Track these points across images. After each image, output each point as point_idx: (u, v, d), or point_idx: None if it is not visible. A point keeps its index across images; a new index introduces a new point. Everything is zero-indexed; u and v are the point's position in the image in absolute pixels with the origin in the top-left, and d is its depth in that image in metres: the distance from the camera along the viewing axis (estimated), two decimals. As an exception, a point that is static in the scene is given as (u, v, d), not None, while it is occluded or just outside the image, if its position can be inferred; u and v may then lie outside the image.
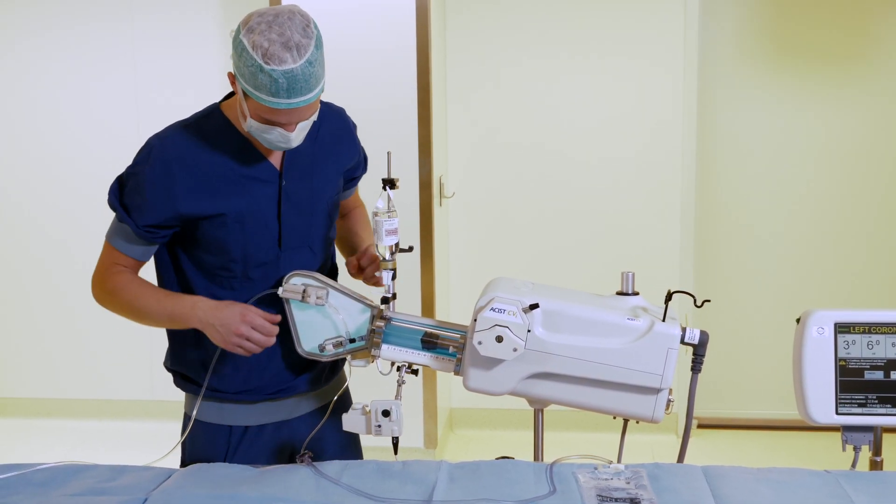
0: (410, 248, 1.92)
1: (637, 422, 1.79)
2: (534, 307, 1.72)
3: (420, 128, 3.77)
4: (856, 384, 1.80)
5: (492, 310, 1.71)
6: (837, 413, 1.81)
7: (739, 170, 4.30)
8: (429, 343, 1.82)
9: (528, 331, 1.72)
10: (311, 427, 1.98)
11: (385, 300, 1.85)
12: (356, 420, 1.82)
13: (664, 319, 1.74)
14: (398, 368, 1.86)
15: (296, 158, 1.96)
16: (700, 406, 4.20)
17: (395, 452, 1.85)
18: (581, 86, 4.20)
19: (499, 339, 1.70)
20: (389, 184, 1.85)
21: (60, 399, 4.61)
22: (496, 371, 1.76)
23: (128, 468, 1.82)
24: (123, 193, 1.89)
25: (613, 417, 1.80)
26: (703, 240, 4.32)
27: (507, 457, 1.85)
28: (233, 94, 1.95)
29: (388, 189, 1.84)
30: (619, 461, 1.81)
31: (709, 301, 1.91)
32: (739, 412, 4.44)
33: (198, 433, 2.01)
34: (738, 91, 4.25)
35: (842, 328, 1.81)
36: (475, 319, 1.73)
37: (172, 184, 1.85)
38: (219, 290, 1.93)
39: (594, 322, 1.74)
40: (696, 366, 1.76)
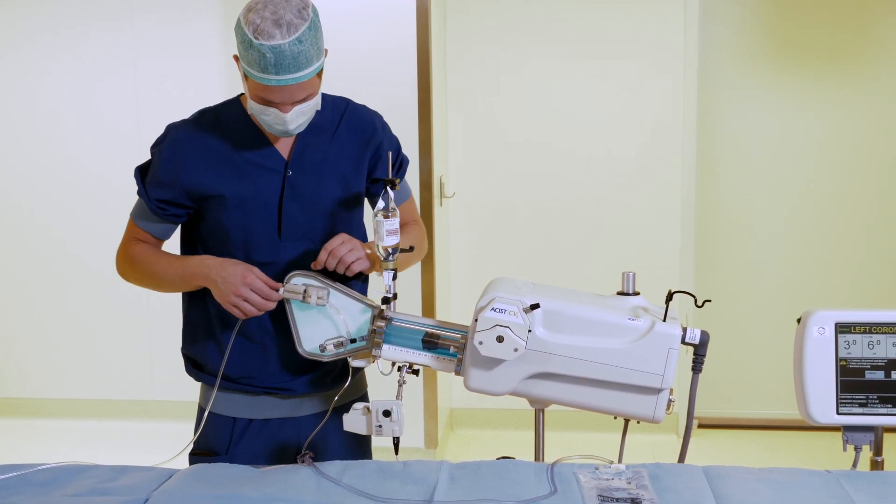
0: (411, 249, 1.92)
1: (638, 422, 1.79)
2: (535, 307, 1.72)
3: (420, 128, 3.77)
4: (856, 384, 1.80)
5: (493, 310, 1.71)
6: (838, 413, 1.81)
7: (739, 169, 4.30)
8: (430, 343, 1.82)
9: (529, 331, 1.72)
10: (318, 427, 1.98)
11: (386, 300, 1.85)
12: (357, 420, 1.82)
13: (665, 319, 1.74)
14: (399, 368, 1.86)
15: (305, 150, 1.99)
16: (701, 406, 4.20)
17: (396, 452, 1.85)
18: (581, 86, 4.20)
19: (500, 340, 1.70)
20: (390, 184, 1.85)
21: (61, 399, 4.62)
22: (497, 371, 1.76)
23: (129, 468, 1.82)
24: (146, 172, 2.02)
25: (614, 417, 1.80)
26: (704, 239, 4.32)
27: (508, 457, 1.85)
28: None
29: (389, 189, 1.84)
30: (620, 461, 1.81)
31: (709, 301, 1.91)
32: (740, 412, 4.45)
33: (207, 423, 2.06)
34: (739, 91, 4.25)
35: (842, 328, 1.81)
36: (476, 319, 1.73)
37: (181, 161, 1.96)
38: None
39: (595, 322, 1.74)
40: (697, 366, 1.76)
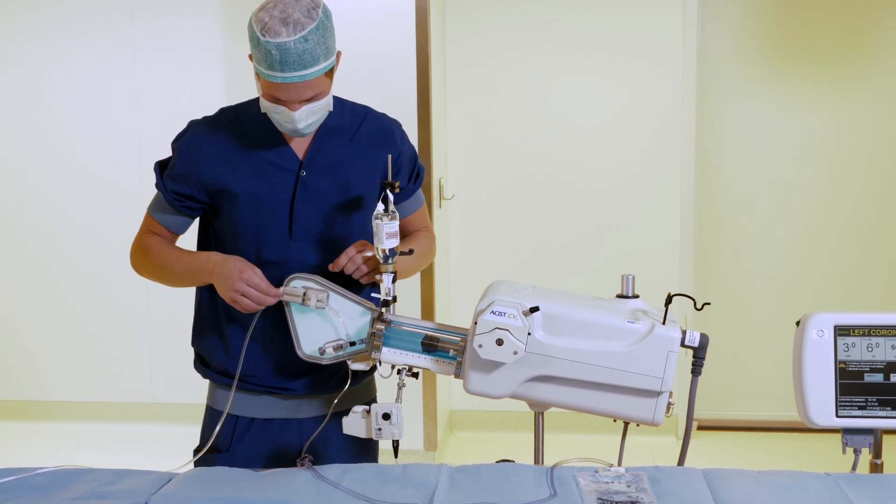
0: (410, 252, 1.92)
1: (637, 425, 1.79)
2: (534, 310, 1.72)
3: (420, 130, 3.77)
4: (856, 387, 1.80)
5: (492, 313, 1.71)
6: (837, 416, 1.81)
7: (739, 171, 4.30)
8: (429, 346, 1.82)
9: (529, 334, 1.72)
10: (318, 429, 1.99)
11: (385, 303, 1.85)
12: (356, 423, 1.82)
13: (664, 322, 1.74)
14: (398, 371, 1.86)
15: (321, 152, 2.00)
16: (700, 408, 4.20)
17: (396, 455, 1.84)
18: (580, 87, 4.20)
19: (499, 343, 1.70)
20: (389, 187, 1.85)
21: (61, 402, 4.61)
22: (496, 374, 1.76)
23: (128, 472, 1.82)
24: (165, 166, 2.05)
25: (614, 420, 1.80)
26: (703, 242, 4.32)
27: (508, 460, 1.85)
28: None
29: (389, 192, 1.84)
30: (620, 464, 1.81)
31: (709, 304, 1.91)
32: (740, 414, 4.44)
33: (211, 420, 2.09)
34: (738, 92, 4.25)
35: (842, 331, 1.81)
36: (475, 322, 1.73)
37: (198, 156, 1.99)
38: None
39: (594, 325, 1.74)
40: (697, 368, 1.76)
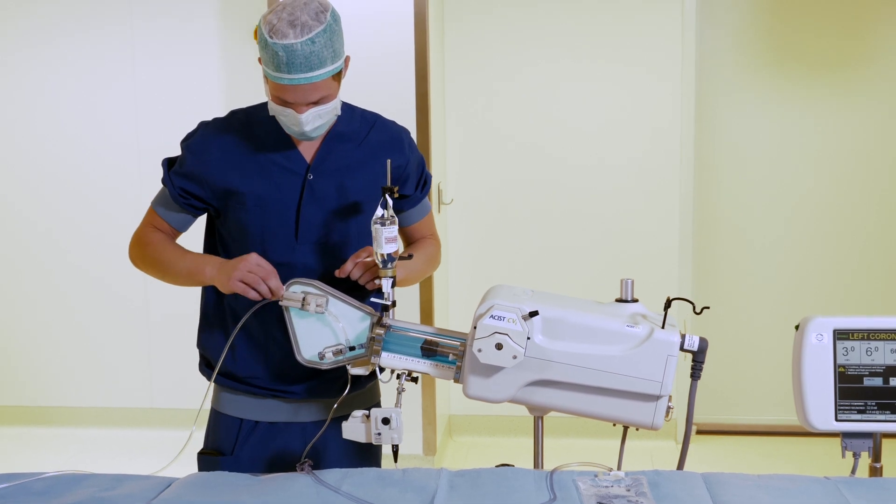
0: (410, 256, 1.92)
1: (637, 429, 1.79)
2: (533, 314, 1.72)
3: (418, 135, 3.77)
4: (855, 391, 1.80)
5: (491, 317, 1.71)
6: (837, 420, 1.81)
7: (738, 175, 4.31)
8: (428, 351, 1.82)
9: (528, 338, 1.72)
10: (318, 433, 1.98)
11: (384, 308, 1.85)
12: (356, 428, 1.82)
13: (663, 326, 1.74)
14: (398, 376, 1.86)
15: (328, 156, 2.01)
16: (700, 412, 4.20)
17: (395, 460, 1.84)
18: (579, 92, 4.20)
19: (498, 347, 1.70)
20: (388, 192, 1.85)
21: (60, 407, 4.61)
22: (496, 378, 1.76)
23: (128, 477, 1.82)
24: (173, 163, 2.07)
25: (613, 424, 1.80)
26: (702, 246, 4.33)
27: (507, 464, 1.85)
28: None
29: (388, 197, 1.84)
30: (619, 468, 1.81)
31: (708, 308, 1.90)
32: (739, 418, 4.44)
33: (216, 423, 2.10)
34: (736, 97, 4.25)
35: (841, 335, 1.81)
36: (475, 327, 1.73)
37: (207, 155, 2.01)
38: None
39: (594, 329, 1.74)
40: (696, 372, 1.76)
